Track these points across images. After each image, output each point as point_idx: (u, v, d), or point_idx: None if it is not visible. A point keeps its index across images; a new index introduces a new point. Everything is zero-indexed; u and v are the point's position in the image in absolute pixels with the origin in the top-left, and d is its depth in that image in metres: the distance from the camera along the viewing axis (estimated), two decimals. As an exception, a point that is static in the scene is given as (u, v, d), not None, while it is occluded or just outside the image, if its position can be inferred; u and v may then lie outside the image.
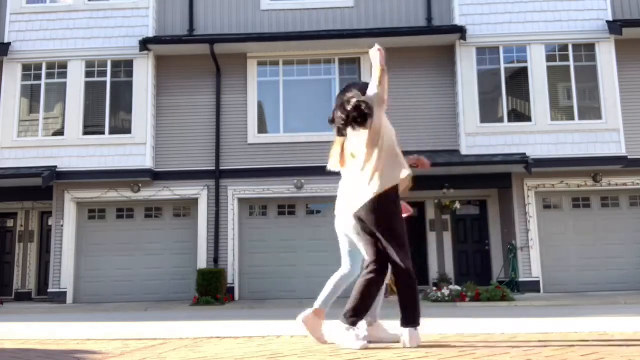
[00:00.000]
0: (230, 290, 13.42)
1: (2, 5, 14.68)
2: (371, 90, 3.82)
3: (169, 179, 14.06)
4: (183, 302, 13.09)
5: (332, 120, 3.98)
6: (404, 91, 14.18)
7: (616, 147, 13.41)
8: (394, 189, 3.71)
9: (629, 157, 13.36)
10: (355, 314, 3.71)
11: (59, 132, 14.19)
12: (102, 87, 14.21)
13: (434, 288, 12.49)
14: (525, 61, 13.89)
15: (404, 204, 3.87)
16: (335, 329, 3.75)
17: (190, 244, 14.02)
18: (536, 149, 13.37)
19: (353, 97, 3.82)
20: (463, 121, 13.66)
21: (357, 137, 3.83)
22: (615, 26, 13.54)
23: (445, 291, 11.69)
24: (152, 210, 14.46)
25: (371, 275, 3.73)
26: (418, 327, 3.67)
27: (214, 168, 14.06)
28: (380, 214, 3.65)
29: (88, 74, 14.24)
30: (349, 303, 3.74)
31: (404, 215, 3.79)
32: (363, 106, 3.76)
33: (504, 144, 13.49)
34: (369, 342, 3.78)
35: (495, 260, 14.23)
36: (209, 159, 14.14)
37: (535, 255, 13.54)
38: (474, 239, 15.00)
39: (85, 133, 14.05)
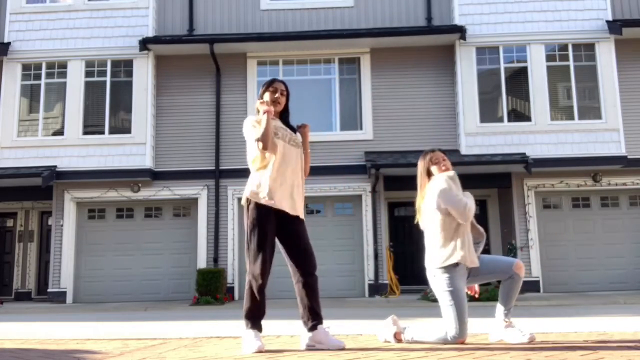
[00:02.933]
0: (230, 290, 13.41)
1: (2, 5, 14.68)
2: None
3: (169, 179, 14.06)
4: (183, 302, 13.09)
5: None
6: (404, 91, 14.21)
7: (616, 147, 13.42)
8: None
9: (629, 157, 13.36)
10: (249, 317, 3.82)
11: (59, 132, 14.19)
12: (102, 87, 14.21)
13: (434, 288, 12.48)
14: (525, 61, 13.89)
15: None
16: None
17: (190, 244, 14.02)
18: (536, 149, 13.38)
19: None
20: (463, 121, 13.66)
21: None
22: (615, 26, 13.54)
23: (445, 291, 11.68)
24: (152, 210, 14.45)
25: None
26: (253, 331, 3.74)
27: (214, 168, 14.06)
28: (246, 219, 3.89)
29: (88, 74, 14.24)
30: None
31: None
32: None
33: (504, 143, 13.50)
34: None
35: (495, 260, 14.22)
36: (209, 159, 14.14)
37: (535, 255, 13.54)
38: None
39: (85, 133, 14.05)
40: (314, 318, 3.79)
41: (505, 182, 13.81)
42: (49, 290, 13.88)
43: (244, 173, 16.53)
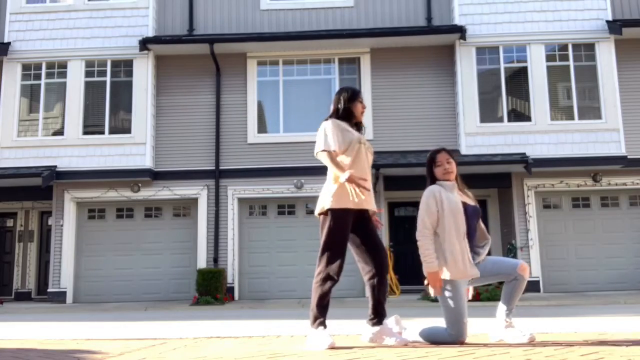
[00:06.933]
0: (230, 290, 13.42)
1: (2, 5, 14.69)
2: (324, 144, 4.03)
3: (169, 179, 14.06)
4: (183, 302, 13.10)
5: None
6: (404, 91, 14.22)
7: (616, 147, 13.42)
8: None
9: (629, 157, 13.36)
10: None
11: (59, 132, 14.19)
12: (102, 87, 14.21)
13: (434, 288, 12.47)
14: (525, 61, 13.90)
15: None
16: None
17: (190, 244, 14.02)
18: (536, 149, 13.38)
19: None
20: (463, 121, 13.67)
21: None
22: (615, 26, 13.54)
23: (445, 291, 11.68)
24: (152, 210, 14.46)
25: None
26: (320, 329, 3.80)
27: (214, 168, 14.06)
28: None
29: (88, 74, 14.24)
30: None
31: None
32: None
33: (504, 144, 13.50)
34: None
35: (495, 260, 14.23)
36: (209, 159, 14.14)
37: (535, 255, 13.55)
38: (474, 239, 14.99)
39: (85, 133, 14.06)
40: (375, 316, 3.94)
41: (505, 182, 13.82)
42: (49, 290, 13.88)
43: (243, 173, 16.49)
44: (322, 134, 4.05)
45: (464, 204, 4.07)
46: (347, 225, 3.95)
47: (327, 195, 4.00)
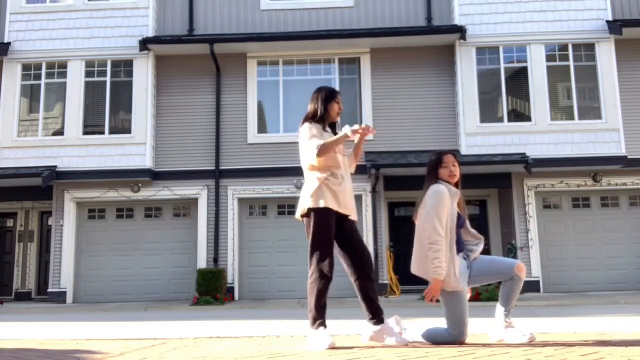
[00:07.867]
0: (230, 290, 13.42)
1: (2, 5, 14.69)
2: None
3: (169, 179, 14.06)
4: (183, 302, 13.09)
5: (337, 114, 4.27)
6: (404, 91, 14.22)
7: (616, 147, 13.42)
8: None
9: (629, 157, 13.37)
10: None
11: (59, 132, 14.19)
12: (102, 87, 14.21)
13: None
14: (525, 61, 13.90)
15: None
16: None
17: (190, 244, 14.02)
18: (536, 149, 13.38)
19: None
20: (463, 121, 13.66)
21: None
22: (615, 26, 13.54)
23: (445, 291, 11.68)
24: (152, 210, 14.45)
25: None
26: (320, 329, 3.80)
27: (214, 168, 14.06)
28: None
29: (88, 74, 14.24)
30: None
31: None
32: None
33: (504, 144, 13.50)
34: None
35: (495, 260, 14.22)
36: (209, 159, 14.14)
37: (535, 255, 13.55)
38: (473, 239, 14.98)
39: (85, 133, 14.06)
40: (373, 315, 3.95)
41: (505, 182, 13.81)
42: (49, 290, 13.88)
43: (243, 173, 16.46)
44: (305, 147, 4.06)
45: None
46: (330, 222, 3.95)
47: (306, 196, 4.04)
